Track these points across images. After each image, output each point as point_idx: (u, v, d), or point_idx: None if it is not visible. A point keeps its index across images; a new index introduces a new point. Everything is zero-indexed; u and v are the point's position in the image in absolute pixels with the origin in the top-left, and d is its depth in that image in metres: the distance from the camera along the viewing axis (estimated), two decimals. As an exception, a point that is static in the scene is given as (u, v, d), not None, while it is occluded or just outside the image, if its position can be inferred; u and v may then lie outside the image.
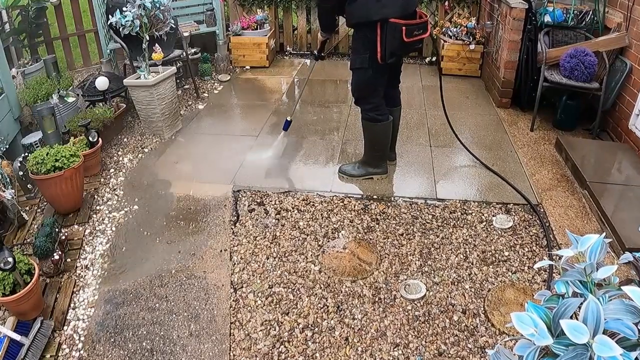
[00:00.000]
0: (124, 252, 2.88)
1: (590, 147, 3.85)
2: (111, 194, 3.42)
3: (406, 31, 2.86)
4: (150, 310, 2.47)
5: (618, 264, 1.34)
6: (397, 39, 2.86)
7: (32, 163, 3.01)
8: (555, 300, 1.23)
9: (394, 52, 2.92)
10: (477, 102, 4.96)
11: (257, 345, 2.27)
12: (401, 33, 2.84)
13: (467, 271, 2.68)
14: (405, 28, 2.84)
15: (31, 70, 4.46)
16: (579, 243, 1.24)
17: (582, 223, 3.04)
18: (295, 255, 2.81)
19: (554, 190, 3.38)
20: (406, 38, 2.87)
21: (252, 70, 5.96)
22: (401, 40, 2.87)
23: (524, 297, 2.49)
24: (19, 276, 2.33)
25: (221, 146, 4.06)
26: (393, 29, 2.84)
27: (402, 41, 2.87)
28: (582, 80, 4.00)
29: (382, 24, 2.85)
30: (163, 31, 4.04)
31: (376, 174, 3.50)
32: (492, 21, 5.14)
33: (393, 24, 2.83)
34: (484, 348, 2.24)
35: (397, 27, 2.84)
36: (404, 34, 2.85)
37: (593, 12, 4.37)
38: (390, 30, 2.85)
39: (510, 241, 2.91)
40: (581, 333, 1.00)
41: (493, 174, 3.56)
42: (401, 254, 2.81)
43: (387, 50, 2.90)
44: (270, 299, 2.52)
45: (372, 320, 2.39)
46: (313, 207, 3.23)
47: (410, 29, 2.88)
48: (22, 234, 3.04)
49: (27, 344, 2.21)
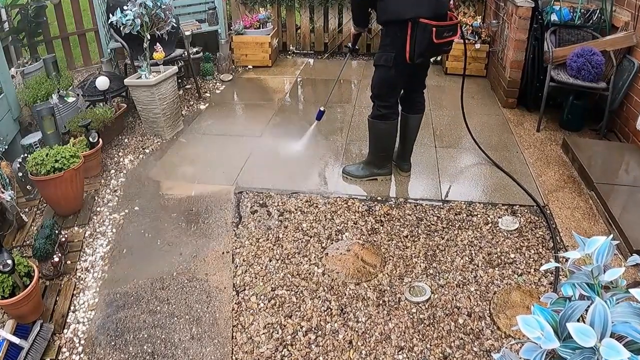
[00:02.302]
0: (124, 254, 2.86)
1: (598, 148, 3.82)
2: (112, 195, 3.39)
3: (436, 32, 2.82)
4: (152, 313, 2.45)
5: (626, 266, 1.32)
6: (426, 39, 2.82)
7: (32, 164, 2.99)
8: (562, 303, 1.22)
9: (422, 52, 2.88)
10: (482, 102, 4.92)
11: (259, 348, 2.25)
12: (431, 34, 2.80)
13: (473, 273, 2.66)
14: (435, 29, 2.81)
15: (31, 69, 4.44)
16: (586, 245, 1.24)
17: (589, 225, 3.01)
18: (298, 258, 2.78)
19: (560, 192, 3.35)
20: (436, 39, 2.83)
21: (254, 69, 5.93)
22: (430, 41, 2.83)
23: (530, 299, 2.47)
24: (18, 278, 2.31)
25: (223, 147, 4.04)
26: (423, 29, 2.80)
27: (431, 42, 2.83)
28: (589, 80, 3.97)
29: (413, 24, 2.82)
30: (164, 30, 4.03)
31: (380, 174, 3.47)
32: (498, 20, 5.11)
33: (423, 24, 2.79)
34: (489, 351, 2.21)
35: (428, 28, 2.80)
36: (434, 34, 2.81)
37: (600, 10, 4.33)
38: (420, 30, 2.81)
39: (516, 243, 2.88)
40: (588, 336, 1.00)
41: (500, 175, 3.53)
42: (406, 256, 2.79)
43: (415, 51, 2.87)
44: (273, 302, 2.49)
45: (377, 323, 2.36)
46: (316, 208, 3.20)
47: (440, 30, 2.84)
48: (21, 236, 3.02)
49: (26, 347, 2.19)
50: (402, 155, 3.57)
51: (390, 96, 3.18)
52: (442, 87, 5.35)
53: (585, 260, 1.23)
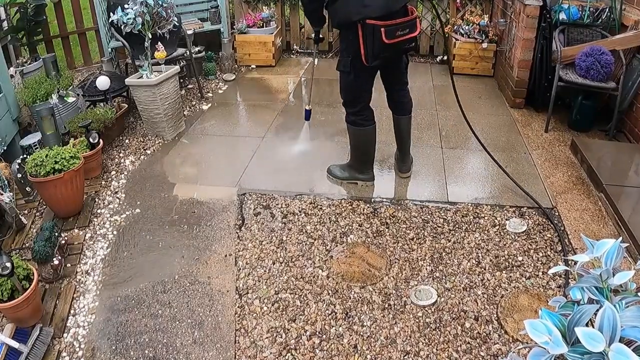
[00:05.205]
0: (125, 257, 2.83)
1: (607, 149, 3.78)
2: (112, 197, 3.36)
3: (386, 32, 2.72)
4: (153, 317, 2.42)
5: (635, 269, 1.29)
6: (377, 40, 2.73)
7: (31, 165, 2.96)
8: (570, 307, 1.23)
9: (376, 54, 2.79)
10: (489, 102, 4.88)
11: (263, 353, 2.23)
12: (380, 34, 2.71)
13: (480, 277, 2.63)
14: (384, 29, 2.71)
15: (30, 69, 4.40)
16: (595, 248, 1.24)
17: (598, 227, 2.98)
18: (302, 260, 2.75)
19: (569, 193, 3.31)
20: (387, 39, 2.73)
21: (257, 69, 5.90)
22: (381, 42, 2.73)
23: (538, 303, 2.45)
24: (17, 282, 2.28)
25: (226, 148, 4.01)
26: (372, 31, 2.72)
27: (382, 43, 2.74)
28: (598, 80, 3.93)
29: (363, 25, 2.74)
30: (166, 29, 4.00)
31: (361, 179, 3.40)
32: (506, 19, 5.07)
33: (371, 25, 2.71)
34: (496, 356, 2.19)
35: (376, 28, 2.70)
36: (383, 35, 2.72)
37: (609, 9, 4.30)
38: (369, 32, 2.73)
39: (524, 246, 2.84)
40: (597, 341, 0.99)
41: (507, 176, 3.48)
42: (411, 258, 2.75)
43: (369, 53, 2.79)
44: (277, 305, 2.47)
45: (382, 327, 2.34)
46: (321, 210, 3.16)
47: (391, 29, 2.74)
48: (20, 238, 3.00)
49: (25, 351, 2.17)
50: (399, 157, 3.54)
51: (358, 102, 3.10)
52: (448, 86, 5.29)
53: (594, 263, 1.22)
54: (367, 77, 3.01)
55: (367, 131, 3.20)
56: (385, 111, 3.45)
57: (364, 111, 3.14)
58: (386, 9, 2.72)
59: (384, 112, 3.51)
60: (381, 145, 3.63)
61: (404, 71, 3.22)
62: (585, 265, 1.25)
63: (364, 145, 3.29)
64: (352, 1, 2.74)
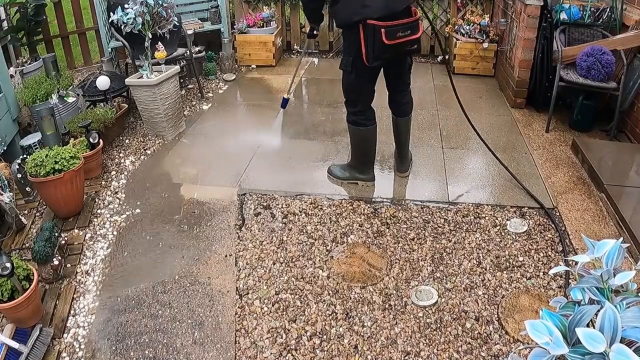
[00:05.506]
0: (125, 257, 2.82)
1: (608, 149, 3.77)
2: (112, 197, 3.36)
3: (386, 33, 2.71)
4: (153, 318, 2.42)
5: (636, 270, 1.29)
6: (377, 40, 2.72)
7: (31, 165, 2.96)
8: (571, 308, 1.23)
9: (377, 55, 2.79)
10: (490, 102, 4.87)
11: (263, 353, 2.22)
12: (380, 35, 2.70)
13: (481, 277, 2.62)
14: (385, 30, 2.70)
15: (30, 69, 4.40)
16: (596, 248, 1.24)
17: (599, 227, 2.97)
18: (302, 261, 2.75)
19: (570, 194, 3.30)
20: (387, 40, 2.72)
21: (258, 69, 5.89)
22: (382, 43, 2.72)
23: (539, 303, 2.44)
24: (17, 282, 2.28)
25: (226, 148, 4.00)
26: (372, 31, 2.71)
27: (383, 44, 2.73)
28: (599, 80, 3.92)
29: (364, 26, 2.73)
30: (166, 29, 3.99)
31: (361, 179, 3.39)
32: (506, 18, 5.06)
33: (371, 25, 2.70)
34: (497, 356, 2.19)
35: (377, 29, 2.70)
36: (383, 36, 2.71)
37: (610, 9, 4.29)
38: (369, 32, 2.72)
39: (524, 246, 2.84)
40: (598, 342, 1.00)
41: (508, 176, 3.47)
42: (412, 259, 2.75)
43: (369, 54, 2.78)
44: (277, 306, 2.46)
45: (382, 327, 2.33)
46: (321, 210, 3.15)
47: (392, 30, 2.73)
48: (20, 239, 2.99)
49: (25, 352, 2.16)
50: (397, 157, 3.54)
51: (359, 101, 3.10)
52: (449, 86, 5.26)
53: (595, 263, 1.22)
54: (369, 77, 3.00)
55: (367, 131, 3.20)
56: (385, 111, 3.45)
57: (365, 111, 3.14)
58: (387, 10, 2.72)
59: (384, 112, 3.51)
60: (381, 145, 3.63)
61: (407, 73, 3.22)
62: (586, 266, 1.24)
63: (365, 145, 3.29)
64: (353, 2, 2.73)
